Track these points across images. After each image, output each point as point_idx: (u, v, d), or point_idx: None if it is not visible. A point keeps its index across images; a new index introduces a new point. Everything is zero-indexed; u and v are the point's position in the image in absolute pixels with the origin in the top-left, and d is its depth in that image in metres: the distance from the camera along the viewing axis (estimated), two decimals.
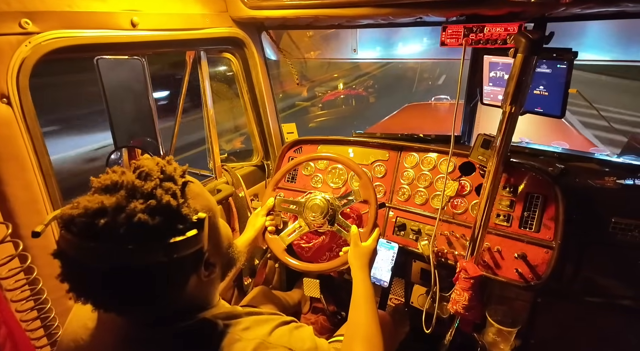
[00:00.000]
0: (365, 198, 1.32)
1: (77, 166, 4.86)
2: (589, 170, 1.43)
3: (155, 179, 0.57)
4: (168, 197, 0.56)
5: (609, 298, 1.39)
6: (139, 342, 0.62)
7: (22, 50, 1.00)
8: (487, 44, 1.27)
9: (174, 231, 0.56)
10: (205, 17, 1.49)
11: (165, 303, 0.60)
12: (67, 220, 0.54)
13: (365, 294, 1.07)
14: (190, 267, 0.60)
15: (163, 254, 0.54)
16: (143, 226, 0.52)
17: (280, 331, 0.68)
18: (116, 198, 0.54)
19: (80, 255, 0.53)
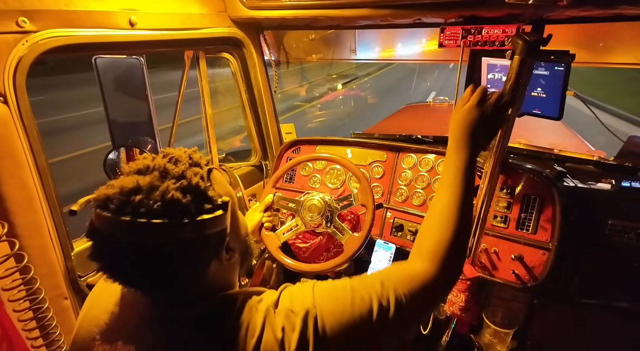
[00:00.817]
0: (364, 203, 1.32)
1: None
2: (586, 172, 1.44)
3: (184, 163, 0.62)
4: (197, 178, 0.60)
5: (605, 300, 1.40)
6: (162, 321, 0.64)
7: (19, 48, 1.00)
8: (485, 46, 1.27)
9: (202, 210, 0.59)
10: (204, 16, 1.49)
11: (190, 283, 0.63)
12: (102, 199, 0.57)
13: (457, 170, 0.83)
14: (214, 247, 0.63)
15: (192, 230, 0.58)
16: (175, 203, 0.56)
17: (283, 295, 0.68)
18: (150, 178, 0.58)
19: (116, 231, 0.56)
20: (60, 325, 1.10)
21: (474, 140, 0.86)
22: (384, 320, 0.65)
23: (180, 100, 1.74)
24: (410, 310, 0.69)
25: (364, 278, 0.72)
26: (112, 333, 0.67)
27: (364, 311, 0.65)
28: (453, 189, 0.82)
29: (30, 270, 1.03)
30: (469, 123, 0.87)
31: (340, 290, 0.68)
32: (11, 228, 1.00)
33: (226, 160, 2.00)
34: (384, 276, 0.72)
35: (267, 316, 0.63)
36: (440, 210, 0.82)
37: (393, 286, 0.69)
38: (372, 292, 0.67)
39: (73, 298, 1.17)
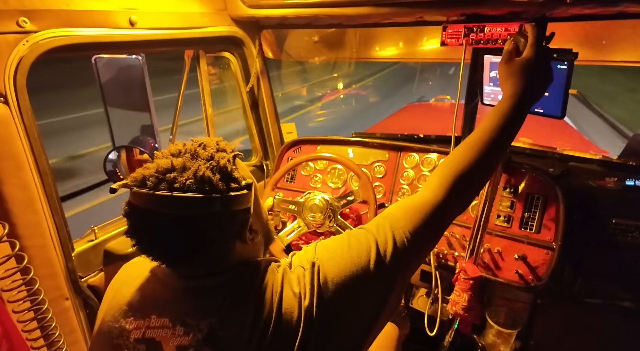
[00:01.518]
0: (365, 198, 1.31)
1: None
2: (589, 171, 1.43)
3: (213, 148, 0.68)
4: (224, 161, 0.66)
5: (609, 299, 1.39)
6: (194, 290, 0.68)
7: (19, 48, 0.99)
8: (487, 44, 1.26)
9: (230, 188, 0.65)
10: (204, 15, 1.48)
11: (218, 255, 0.68)
12: (140, 179, 0.62)
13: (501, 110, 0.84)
14: (239, 224, 0.68)
15: (221, 205, 0.63)
16: (206, 180, 0.62)
17: (294, 258, 0.74)
18: (182, 159, 0.64)
19: (153, 205, 0.61)
20: (61, 326, 1.09)
21: (528, 91, 0.86)
22: (381, 256, 0.69)
23: (181, 99, 1.73)
24: (407, 242, 0.72)
25: (364, 225, 0.77)
26: (144, 308, 0.70)
27: (361, 250, 0.69)
28: (487, 128, 0.83)
29: (31, 271, 1.02)
30: (523, 75, 0.88)
31: (338, 239, 0.74)
32: (12, 229, 0.99)
33: None
34: (380, 219, 0.76)
35: (285, 275, 0.69)
36: (465, 144, 0.83)
37: (390, 223, 0.73)
38: (369, 234, 0.72)
39: (74, 299, 1.17)
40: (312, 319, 0.64)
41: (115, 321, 0.71)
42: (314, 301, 0.65)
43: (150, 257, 0.66)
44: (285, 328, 0.64)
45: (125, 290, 0.74)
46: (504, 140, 0.84)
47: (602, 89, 8.83)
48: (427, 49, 2.00)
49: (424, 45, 2.01)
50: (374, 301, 0.69)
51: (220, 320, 0.65)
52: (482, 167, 0.82)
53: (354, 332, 0.68)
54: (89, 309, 1.23)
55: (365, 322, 0.69)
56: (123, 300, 0.72)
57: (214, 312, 0.65)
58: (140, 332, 0.68)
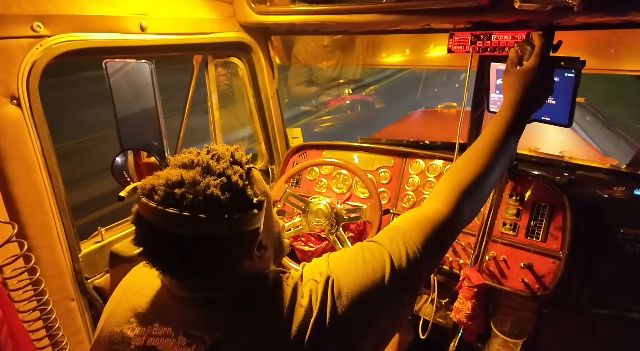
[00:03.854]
0: (370, 220, 1.32)
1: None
2: (597, 180, 1.42)
3: (226, 161, 0.64)
4: (237, 177, 0.63)
5: (616, 310, 1.37)
6: (200, 302, 0.67)
7: (33, 52, 1.02)
8: (494, 52, 1.26)
9: (239, 208, 0.62)
10: (213, 21, 1.50)
11: (223, 273, 0.66)
12: (148, 189, 0.60)
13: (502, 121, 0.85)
14: (247, 244, 0.65)
15: (228, 227, 0.60)
16: (215, 200, 0.59)
17: (305, 270, 0.72)
18: (193, 173, 0.61)
19: (158, 220, 0.59)
20: (65, 326, 1.10)
21: (526, 100, 0.88)
22: (395, 271, 0.68)
23: (189, 104, 1.75)
24: (422, 256, 0.71)
25: (375, 237, 0.76)
26: (148, 315, 0.69)
27: (376, 265, 0.68)
28: (490, 138, 0.84)
29: (37, 271, 1.04)
30: (523, 84, 0.89)
31: (352, 253, 0.72)
32: (21, 229, 1.01)
33: None
34: (391, 232, 0.75)
35: (297, 288, 0.67)
36: (469, 154, 0.83)
37: (402, 237, 0.72)
38: (382, 249, 0.71)
39: (79, 300, 1.18)
40: (324, 333, 0.63)
41: (117, 326, 0.70)
42: (327, 315, 0.63)
43: (154, 268, 0.64)
44: (295, 343, 0.62)
45: (131, 294, 0.73)
46: (506, 149, 0.84)
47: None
48: (434, 56, 2.00)
49: (430, 52, 2.01)
50: (388, 316, 0.69)
51: (225, 334, 0.63)
52: (487, 178, 0.82)
53: (366, 347, 0.67)
54: (94, 310, 1.23)
55: (379, 336, 0.68)
56: (127, 305, 0.71)
57: (219, 325, 0.64)
58: (141, 340, 0.66)
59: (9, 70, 0.98)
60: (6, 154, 0.99)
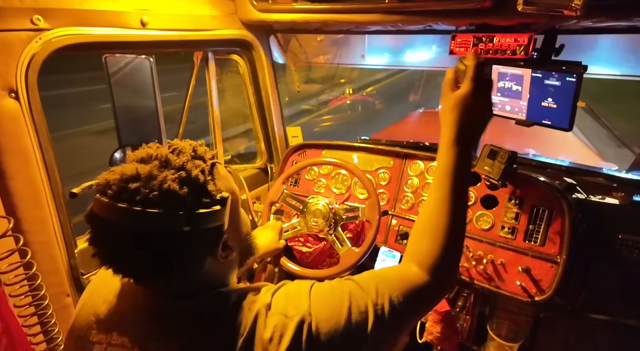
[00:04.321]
0: (369, 219, 1.32)
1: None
2: (596, 185, 1.41)
3: (187, 155, 0.62)
4: (197, 171, 0.60)
5: (613, 316, 1.37)
6: (156, 314, 0.65)
7: (32, 46, 1.01)
8: (496, 54, 1.26)
9: (199, 203, 0.59)
10: (215, 18, 1.50)
11: (183, 275, 0.63)
12: (103, 185, 0.58)
13: (447, 169, 0.79)
14: (209, 242, 0.63)
15: (187, 223, 0.57)
16: (172, 194, 0.57)
17: (278, 296, 0.66)
18: (150, 167, 0.58)
19: (112, 216, 0.56)
20: (61, 322, 1.10)
21: (469, 130, 0.82)
22: (378, 327, 0.65)
23: (188, 100, 1.75)
24: (404, 316, 0.70)
25: (361, 281, 0.71)
26: (108, 323, 0.68)
27: (360, 319, 0.64)
28: (445, 190, 0.79)
29: (33, 266, 1.03)
30: (462, 111, 0.82)
31: (338, 296, 0.67)
32: (17, 224, 1.00)
33: (232, 161, 2.01)
34: (380, 281, 0.71)
35: (259, 316, 0.62)
36: (432, 214, 0.79)
37: (389, 293, 0.69)
38: (369, 299, 0.67)
39: (75, 296, 1.17)
40: None
41: (82, 330, 0.69)
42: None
43: (110, 269, 0.60)
44: None
45: (95, 298, 0.71)
46: (460, 184, 0.80)
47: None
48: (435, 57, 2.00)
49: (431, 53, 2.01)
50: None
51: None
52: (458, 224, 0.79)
53: None
54: None
55: None
56: (91, 310, 0.70)
57: (173, 342, 0.61)
58: (102, 347, 0.65)
59: (7, 63, 0.97)
60: (3, 148, 0.98)
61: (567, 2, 0.94)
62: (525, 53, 1.21)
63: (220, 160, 1.75)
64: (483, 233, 1.40)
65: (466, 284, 1.43)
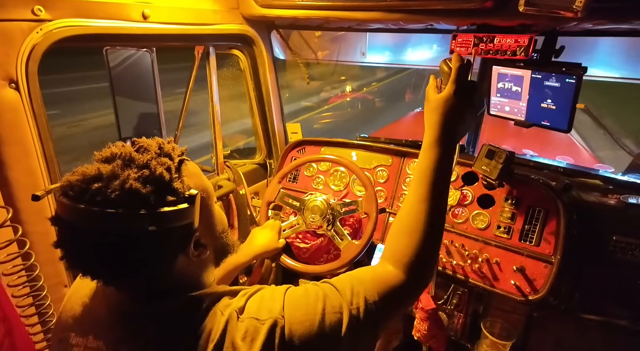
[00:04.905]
0: (367, 211, 1.32)
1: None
2: (592, 187, 1.42)
3: (151, 153, 0.60)
4: (162, 169, 0.59)
5: (605, 316, 1.38)
6: (128, 317, 0.64)
7: (33, 36, 1.01)
8: (496, 55, 1.27)
9: (164, 201, 0.58)
10: (216, 13, 1.49)
11: (154, 277, 0.62)
12: (65, 186, 0.57)
13: (427, 169, 0.79)
14: (178, 242, 0.62)
15: (151, 222, 0.56)
16: (134, 193, 0.55)
17: (252, 300, 0.65)
18: (112, 166, 0.57)
19: (73, 218, 0.55)
20: (58, 312, 1.10)
21: (450, 132, 0.81)
22: (354, 328, 0.65)
23: (188, 95, 1.74)
24: (380, 315, 0.69)
25: (336, 282, 0.71)
26: (85, 326, 0.68)
27: (334, 321, 0.64)
28: (424, 189, 0.78)
29: (32, 257, 1.04)
30: (440, 115, 0.81)
31: (312, 298, 0.66)
32: (15, 214, 1.01)
33: (231, 156, 2.01)
34: (355, 281, 0.71)
35: (230, 321, 0.61)
36: (410, 213, 0.79)
37: (364, 293, 0.68)
38: (343, 300, 0.66)
39: None
40: None
41: (62, 332, 0.70)
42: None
43: (77, 271, 0.60)
44: None
45: (74, 300, 0.72)
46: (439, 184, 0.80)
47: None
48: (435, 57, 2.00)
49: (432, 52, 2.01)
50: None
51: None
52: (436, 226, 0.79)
53: None
54: None
55: None
56: (70, 312, 0.71)
57: (146, 346, 0.61)
58: (80, 350, 0.66)
59: (8, 54, 0.97)
60: (3, 138, 0.98)
61: (568, 4, 0.94)
62: (526, 54, 1.21)
63: (219, 155, 1.77)
64: (479, 232, 1.41)
65: (461, 282, 1.44)
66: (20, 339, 0.97)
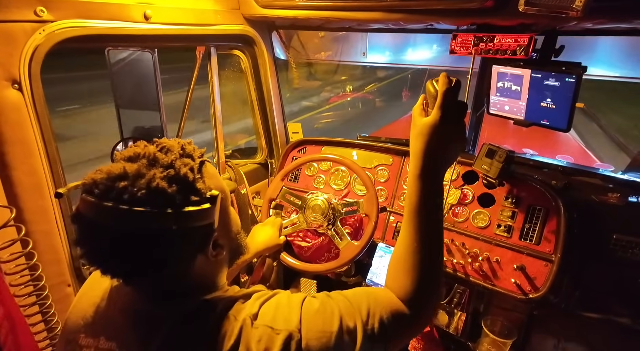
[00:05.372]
0: (368, 213, 1.33)
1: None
2: (592, 186, 1.43)
3: (175, 153, 0.61)
4: (186, 169, 0.59)
5: (606, 314, 1.39)
6: (142, 318, 0.64)
7: (35, 37, 1.01)
8: (496, 54, 1.27)
9: (188, 201, 0.58)
10: (218, 13, 1.50)
11: (172, 277, 0.63)
12: (89, 184, 0.57)
13: (414, 205, 0.75)
14: (199, 241, 0.62)
15: (175, 221, 0.56)
16: (160, 192, 0.56)
17: (267, 307, 0.65)
18: (137, 165, 0.57)
19: (98, 216, 0.55)
20: (60, 312, 1.11)
21: (435, 161, 0.76)
22: (367, 348, 0.65)
23: (190, 95, 1.75)
24: (394, 337, 0.70)
25: (353, 298, 0.70)
26: (96, 327, 0.68)
27: (349, 339, 0.64)
28: (416, 226, 0.75)
29: (35, 256, 1.04)
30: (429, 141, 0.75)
31: (329, 314, 0.66)
32: (19, 214, 1.01)
33: (232, 156, 2.01)
34: (372, 301, 0.71)
35: (244, 328, 0.61)
36: (405, 251, 0.77)
37: (380, 313, 0.69)
38: (358, 319, 0.66)
39: (76, 286, 1.19)
40: None
41: (71, 333, 0.70)
42: None
43: (99, 270, 0.60)
44: None
45: (85, 302, 0.72)
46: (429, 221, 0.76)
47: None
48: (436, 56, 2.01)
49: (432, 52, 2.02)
50: None
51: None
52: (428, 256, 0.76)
53: None
54: None
55: None
56: (80, 313, 0.71)
57: (156, 348, 0.61)
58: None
59: (11, 54, 0.98)
60: (6, 138, 0.99)
61: (568, 4, 0.95)
62: (526, 53, 1.22)
63: (221, 155, 1.78)
64: (479, 231, 1.42)
65: (461, 281, 1.45)
66: (24, 338, 0.97)
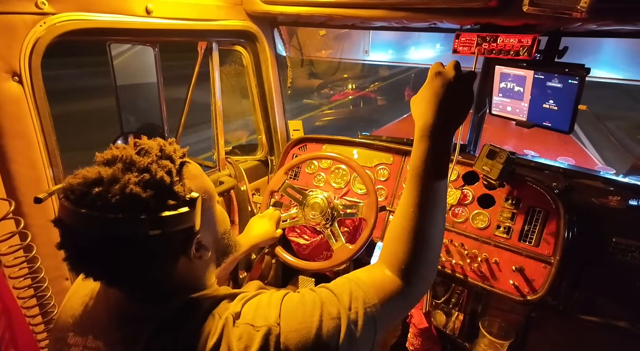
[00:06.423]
0: (366, 218, 1.33)
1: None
2: (593, 188, 1.42)
3: (152, 156, 0.60)
4: (162, 172, 0.58)
5: (604, 318, 1.38)
6: (128, 318, 0.64)
7: (36, 30, 1.01)
8: (499, 54, 1.26)
9: (164, 206, 0.58)
10: (220, 8, 1.49)
11: (155, 279, 0.62)
12: (67, 189, 0.57)
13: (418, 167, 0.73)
14: (179, 245, 0.62)
15: (151, 227, 0.56)
16: (134, 197, 0.55)
17: (249, 306, 0.65)
18: (113, 170, 0.57)
19: (74, 222, 0.56)
20: (59, 305, 1.11)
21: (446, 120, 0.74)
22: (351, 335, 0.63)
23: (191, 90, 1.74)
24: (379, 320, 0.67)
25: (335, 287, 0.69)
26: (84, 326, 0.68)
27: (331, 328, 0.62)
28: (416, 192, 0.73)
29: (33, 249, 1.04)
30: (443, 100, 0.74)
31: (309, 305, 0.65)
32: (18, 207, 1.01)
33: (232, 153, 2.01)
34: (354, 285, 0.69)
35: (226, 326, 0.61)
36: (404, 216, 0.74)
37: (362, 297, 0.67)
38: (341, 307, 0.65)
39: (74, 279, 1.19)
40: None
41: (60, 331, 0.70)
42: None
43: (79, 274, 0.60)
44: None
45: (75, 300, 0.72)
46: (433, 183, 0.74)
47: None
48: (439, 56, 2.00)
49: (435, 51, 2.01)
50: None
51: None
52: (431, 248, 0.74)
53: None
54: None
55: None
56: (70, 312, 0.71)
57: (141, 348, 0.61)
58: (78, 349, 0.67)
59: (11, 46, 0.98)
60: (5, 131, 0.99)
61: (572, 4, 0.94)
62: (529, 54, 1.21)
63: (221, 151, 1.77)
64: (479, 231, 1.41)
65: (460, 281, 1.45)
66: (21, 331, 0.98)
